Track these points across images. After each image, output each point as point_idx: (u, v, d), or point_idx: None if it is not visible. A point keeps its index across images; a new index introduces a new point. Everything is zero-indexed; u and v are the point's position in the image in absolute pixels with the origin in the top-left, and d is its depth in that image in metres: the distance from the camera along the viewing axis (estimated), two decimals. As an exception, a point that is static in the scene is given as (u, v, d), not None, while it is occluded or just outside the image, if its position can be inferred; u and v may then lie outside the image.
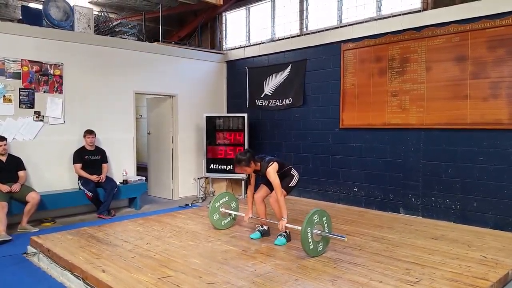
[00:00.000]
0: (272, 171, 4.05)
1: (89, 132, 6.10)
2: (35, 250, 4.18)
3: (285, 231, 4.20)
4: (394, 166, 5.81)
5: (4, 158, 5.31)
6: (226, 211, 4.70)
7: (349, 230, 4.65)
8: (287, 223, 4.02)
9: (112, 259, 3.61)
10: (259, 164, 4.15)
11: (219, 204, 4.67)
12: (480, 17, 4.97)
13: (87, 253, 3.78)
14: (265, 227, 4.44)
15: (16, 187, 5.20)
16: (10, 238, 4.76)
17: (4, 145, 5.28)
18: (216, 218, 4.66)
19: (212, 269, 3.37)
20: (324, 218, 3.82)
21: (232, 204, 4.78)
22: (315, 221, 3.73)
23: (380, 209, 5.93)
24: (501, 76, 4.85)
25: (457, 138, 5.21)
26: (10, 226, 5.00)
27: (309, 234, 3.65)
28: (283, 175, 4.20)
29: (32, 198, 5.17)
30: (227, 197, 4.76)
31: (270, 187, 4.26)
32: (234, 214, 4.76)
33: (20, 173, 5.44)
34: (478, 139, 5.04)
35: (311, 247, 3.68)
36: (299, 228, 3.67)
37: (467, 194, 5.14)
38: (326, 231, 3.80)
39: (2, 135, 5.36)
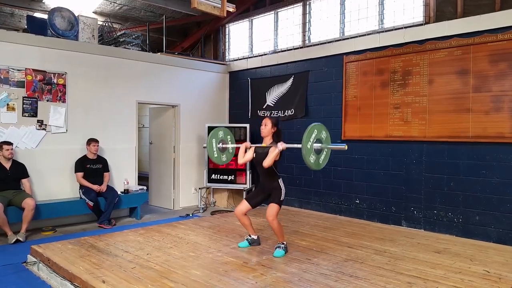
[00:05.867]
0: (280, 149, 3.94)
1: (94, 140, 6.13)
2: (35, 260, 4.16)
3: (283, 243, 4.18)
4: (396, 179, 5.80)
5: (8, 165, 5.32)
6: (224, 146, 4.62)
7: (350, 243, 4.62)
8: (286, 144, 3.98)
9: (112, 270, 3.59)
10: (272, 140, 4.14)
11: (215, 140, 4.59)
12: (482, 31, 4.99)
13: (87, 263, 3.76)
14: (254, 237, 4.45)
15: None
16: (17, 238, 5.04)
17: (11, 149, 5.34)
18: (216, 155, 4.61)
19: (212, 281, 3.35)
20: (323, 132, 3.87)
21: (228, 138, 4.69)
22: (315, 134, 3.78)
23: (382, 222, 5.90)
24: (503, 90, 4.86)
25: (459, 151, 5.21)
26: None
27: (310, 144, 3.70)
28: (273, 185, 4.16)
29: (27, 204, 5.16)
30: (221, 132, 4.66)
31: (252, 203, 4.27)
32: (232, 148, 4.69)
33: (24, 181, 5.47)
34: (481, 152, 5.03)
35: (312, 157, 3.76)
36: (299, 146, 3.68)
37: (470, 207, 5.12)
38: (325, 143, 3.83)
39: (9, 141, 5.42)
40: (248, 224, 4.38)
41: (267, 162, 3.99)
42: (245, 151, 4.35)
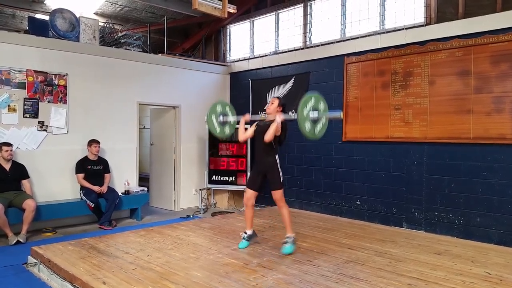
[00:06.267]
0: (278, 121, 4.09)
1: (96, 142, 6.13)
2: (35, 261, 4.16)
3: (290, 236, 4.20)
4: (397, 180, 5.79)
5: (7, 166, 5.33)
6: (224, 119, 4.64)
7: (351, 244, 4.61)
8: (283, 115, 4.15)
9: (112, 271, 3.59)
10: (274, 117, 4.21)
11: (214, 115, 4.60)
12: (483, 32, 4.99)
13: (88, 264, 3.75)
14: (249, 232, 4.44)
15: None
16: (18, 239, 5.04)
17: (11, 150, 5.34)
18: (218, 131, 4.65)
19: (213, 283, 3.34)
20: (321, 103, 4.00)
21: (226, 109, 4.70)
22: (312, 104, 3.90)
23: (383, 223, 5.89)
24: (504, 91, 4.85)
25: (461, 153, 5.20)
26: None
27: (306, 111, 3.83)
28: (269, 161, 4.24)
29: (28, 205, 5.17)
30: (219, 106, 4.65)
31: (255, 187, 4.32)
32: (233, 120, 4.69)
33: (24, 181, 5.48)
34: (482, 153, 5.02)
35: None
36: (295, 117, 3.78)
37: (471, 209, 5.11)
38: (322, 112, 3.97)
39: (8, 142, 5.43)
40: (250, 217, 4.41)
41: (268, 136, 4.08)
42: (245, 130, 4.45)
